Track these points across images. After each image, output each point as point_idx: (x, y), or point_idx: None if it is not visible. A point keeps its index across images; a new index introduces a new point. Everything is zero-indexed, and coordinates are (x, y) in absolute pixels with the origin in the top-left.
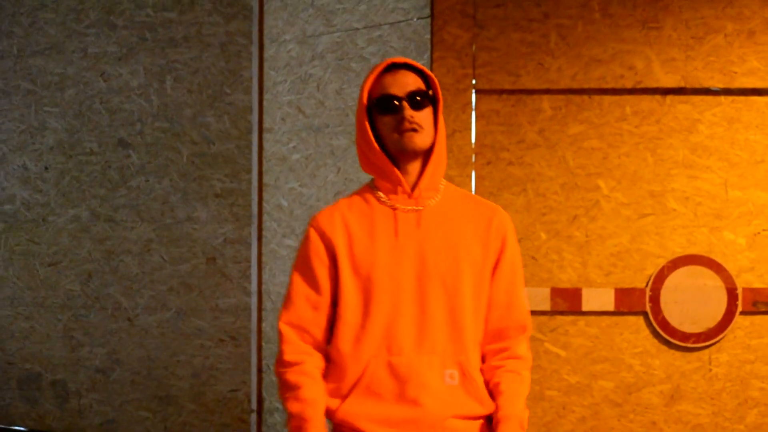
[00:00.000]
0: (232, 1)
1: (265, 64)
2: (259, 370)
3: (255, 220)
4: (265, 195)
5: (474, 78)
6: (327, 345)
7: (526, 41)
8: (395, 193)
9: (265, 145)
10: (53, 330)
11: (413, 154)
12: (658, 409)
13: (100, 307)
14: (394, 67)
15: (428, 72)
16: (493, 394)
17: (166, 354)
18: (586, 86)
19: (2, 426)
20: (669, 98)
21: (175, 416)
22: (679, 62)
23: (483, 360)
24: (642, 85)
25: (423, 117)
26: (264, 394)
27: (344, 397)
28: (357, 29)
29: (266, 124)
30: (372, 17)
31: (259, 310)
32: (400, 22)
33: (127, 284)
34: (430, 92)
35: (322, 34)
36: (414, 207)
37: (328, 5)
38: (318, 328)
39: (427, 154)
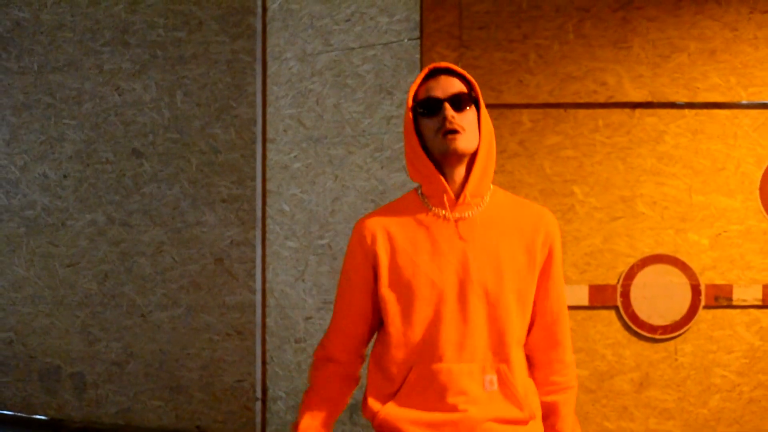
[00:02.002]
0: (237, 22)
1: (268, 80)
2: (263, 362)
3: (259, 224)
4: (268, 200)
5: None
6: (366, 349)
7: (507, 60)
8: (441, 199)
9: (269, 154)
10: (72, 326)
11: (457, 159)
12: (629, 395)
13: (116, 305)
14: (437, 73)
15: (469, 76)
16: (548, 409)
17: (177, 347)
18: (562, 101)
19: (24, 415)
20: (638, 111)
21: (185, 405)
22: (646, 78)
23: (531, 364)
24: (613, 100)
25: (465, 119)
26: (268, 383)
27: (387, 399)
28: (353, 48)
29: (269, 135)
30: (366, 38)
31: (263, 306)
32: (392, 42)
33: (141, 283)
34: (472, 93)
35: (320, 52)
36: (459, 214)
37: (326, 26)
38: (359, 337)
39: (472, 160)
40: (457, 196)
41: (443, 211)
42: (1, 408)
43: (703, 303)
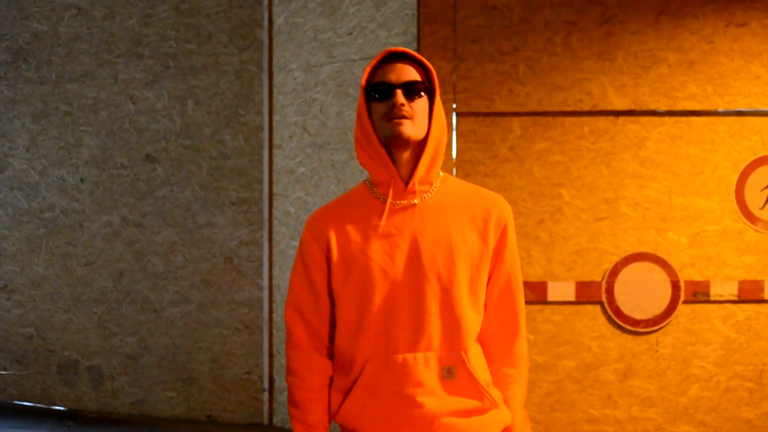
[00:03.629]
0: (245, 34)
1: (275, 90)
2: (270, 355)
3: (266, 225)
4: (274, 203)
5: (455, 102)
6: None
7: (499, 71)
8: (389, 186)
9: (275, 159)
10: (89, 321)
11: (402, 144)
12: (613, 384)
13: (131, 301)
14: (393, 58)
15: (427, 63)
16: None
17: (189, 341)
18: (550, 109)
19: (44, 406)
20: (621, 119)
21: (196, 395)
22: (629, 88)
23: (485, 355)
24: (598, 108)
25: (416, 107)
26: (275, 375)
27: (345, 395)
28: (354, 60)
29: (276, 142)
30: (367, 50)
31: (270, 302)
32: None
33: (154, 281)
34: (427, 82)
35: (324, 64)
36: (409, 201)
37: (329, 39)
38: (322, 326)
39: (421, 148)
40: (406, 183)
41: (394, 199)
42: (22, 399)
43: (682, 298)
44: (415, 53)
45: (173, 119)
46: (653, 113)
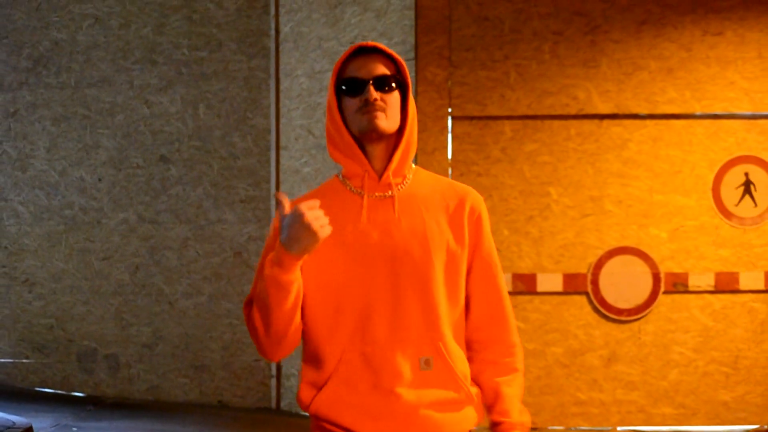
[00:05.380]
0: (253, 43)
1: (281, 95)
2: None
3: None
4: None
5: (450, 107)
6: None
7: (491, 77)
8: (362, 180)
9: (282, 160)
10: (106, 312)
11: (377, 137)
12: (599, 369)
13: (146, 294)
14: (363, 52)
15: (397, 57)
16: (489, 394)
17: (201, 331)
18: (539, 113)
19: (64, 392)
20: (605, 122)
21: (208, 382)
22: (612, 93)
23: (469, 347)
24: (583, 112)
25: (389, 100)
26: (282, 363)
27: (320, 388)
28: None
29: (282, 143)
30: None
31: None
32: None
33: (168, 274)
34: (398, 76)
35: (327, 71)
36: (383, 193)
37: (332, 47)
38: None
39: (395, 141)
40: (379, 176)
41: (367, 192)
42: (43, 386)
43: (662, 289)
44: (385, 47)
45: (186, 122)
46: (635, 116)
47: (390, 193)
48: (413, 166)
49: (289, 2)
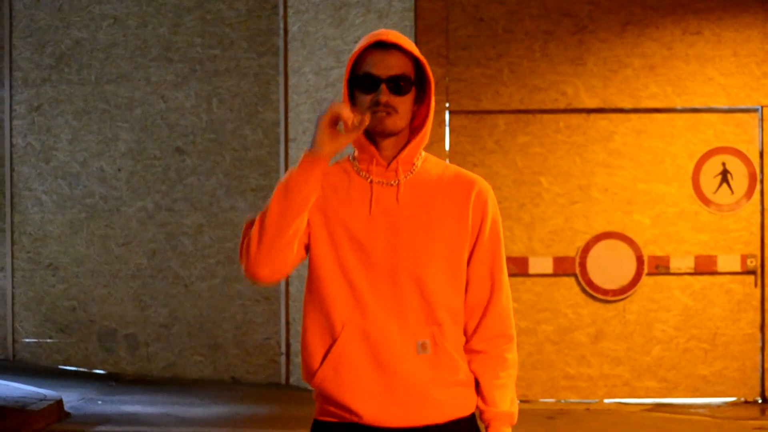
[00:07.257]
0: (263, 41)
1: (290, 90)
2: (287, 323)
3: None
4: None
5: (447, 102)
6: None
7: (486, 75)
8: (371, 165)
9: (290, 151)
10: (126, 295)
11: (386, 136)
12: (587, 346)
13: (163, 277)
14: (383, 46)
15: (418, 54)
16: (478, 383)
17: (215, 312)
18: (530, 107)
19: (85, 370)
20: (592, 116)
21: (222, 359)
22: (598, 89)
23: (465, 334)
24: (572, 106)
25: (401, 102)
26: (291, 341)
27: (321, 363)
28: None
29: (291, 135)
30: None
31: (287, 276)
32: None
33: (184, 259)
34: (413, 78)
35: (333, 68)
36: (390, 181)
37: (337, 46)
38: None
39: (406, 132)
40: (389, 162)
41: (375, 177)
42: (66, 364)
43: (646, 271)
44: (406, 44)
45: (200, 116)
46: (620, 110)
47: (396, 181)
48: (423, 153)
49: (296, 3)
